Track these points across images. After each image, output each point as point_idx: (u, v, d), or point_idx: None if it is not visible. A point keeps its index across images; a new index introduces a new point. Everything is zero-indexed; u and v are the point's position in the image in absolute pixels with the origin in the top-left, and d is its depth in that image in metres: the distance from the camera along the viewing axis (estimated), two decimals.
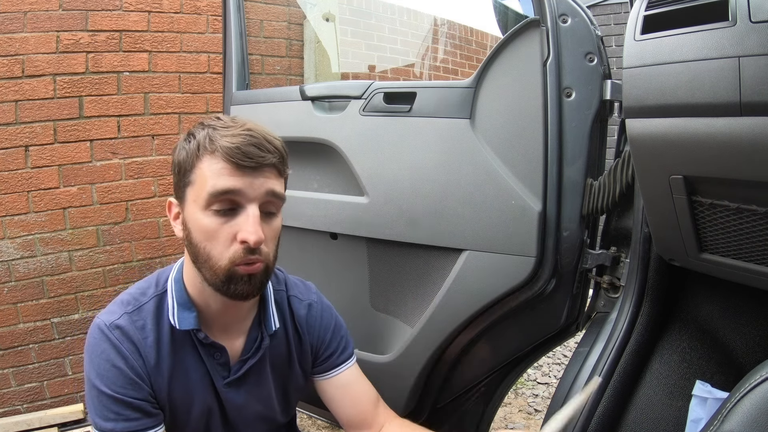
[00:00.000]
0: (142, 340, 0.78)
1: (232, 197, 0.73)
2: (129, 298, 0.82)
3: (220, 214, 0.73)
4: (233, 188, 0.72)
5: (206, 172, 0.73)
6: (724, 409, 0.54)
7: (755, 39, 0.57)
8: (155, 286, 0.83)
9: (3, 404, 1.83)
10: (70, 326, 1.92)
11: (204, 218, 0.74)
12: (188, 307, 0.81)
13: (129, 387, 0.75)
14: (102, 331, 0.78)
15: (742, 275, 0.74)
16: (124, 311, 0.79)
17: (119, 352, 0.76)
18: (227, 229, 0.73)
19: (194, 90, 2.09)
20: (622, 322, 0.93)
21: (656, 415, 0.89)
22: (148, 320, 0.80)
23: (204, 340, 0.81)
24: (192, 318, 0.80)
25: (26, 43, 1.75)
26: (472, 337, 1.10)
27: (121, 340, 0.77)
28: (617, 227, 1.00)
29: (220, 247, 0.74)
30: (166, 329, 0.80)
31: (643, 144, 0.72)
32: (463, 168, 1.02)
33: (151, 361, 0.78)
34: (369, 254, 1.20)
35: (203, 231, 0.74)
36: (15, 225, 1.80)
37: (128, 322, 0.78)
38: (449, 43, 3.54)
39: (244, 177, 0.73)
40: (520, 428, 2.10)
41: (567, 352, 2.68)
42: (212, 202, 0.73)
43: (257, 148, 0.74)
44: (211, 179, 0.73)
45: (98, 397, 0.75)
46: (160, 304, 0.81)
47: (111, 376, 0.75)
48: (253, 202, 0.74)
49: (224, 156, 0.72)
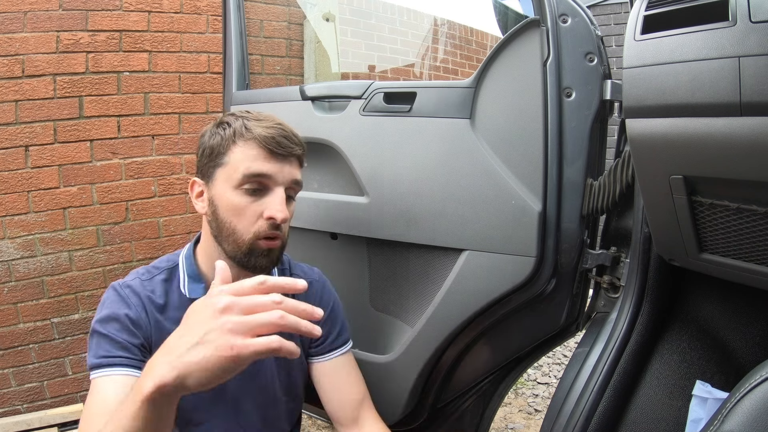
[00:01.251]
0: (148, 298, 0.86)
1: (263, 180, 0.84)
2: (143, 270, 0.91)
3: (249, 193, 0.83)
4: (266, 172, 0.84)
5: (240, 155, 0.84)
6: (724, 409, 0.54)
7: (755, 39, 0.57)
8: (167, 261, 0.92)
9: (3, 404, 1.83)
10: (70, 326, 1.92)
11: (234, 196, 0.83)
12: (198, 279, 0.90)
13: (124, 331, 0.81)
14: (114, 288, 0.86)
15: (742, 275, 0.74)
16: (137, 277, 0.89)
17: (124, 302, 0.84)
18: (255, 206, 0.83)
19: (194, 90, 2.09)
20: (622, 322, 0.93)
21: (656, 415, 0.89)
22: (157, 287, 0.88)
23: None
24: (201, 288, 0.89)
25: (26, 43, 1.75)
26: (472, 337, 1.10)
27: (129, 295, 0.85)
28: (617, 227, 1.00)
29: (245, 222, 0.83)
30: (174, 297, 0.88)
31: (643, 144, 0.72)
32: (463, 168, 1.02)
33: (155, 316, 0.85)
34: (369, 254, 1.20)
35: (232, 207, 0.83)
36: (15, 225, 1.80)
37: (139, 284, 0.87)
38: (449, 43, 3.54)
39: (275, 163, 0.84)
40: (520, 429, 2.10)
41: (567, 352, 2.68)
42: (244, 182, 0.83)
43: (287, 139, 0.86)
44: (246, 162, 0.83)
45: (96, 338, 0.81)
46: (170, 276, 0.90)
47: (111, 321, 0.81)
48: (281, 186, 0.85)
49: (260, 143, 0.83)
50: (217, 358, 0.53)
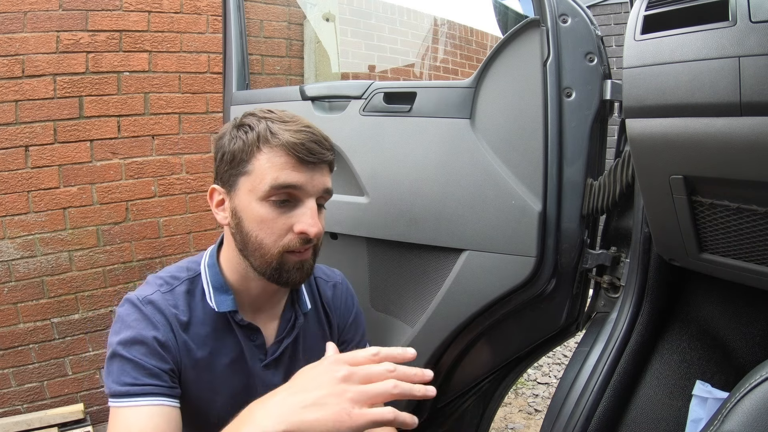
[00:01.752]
0: (174, 316, 0.78)
1: (293, 191, 0.76)
2: (161, 280, 0.82)
3: (277, 205, 0.75)
4: (296, 183, 0.75)
5: (266, 164, 0.75)
6: (724, 409, 0.54)
7: (755, 39, 0.57)
8: (186, 270, 0.84)
9: (3, 404, 1.83)
10: (70, 326, 1.92)
11: (260, 208, 0.75)
12: (225, 290, 0.82)
13: (152, 356, 0.74)
14: (134, 304, 0.78)
15: (742, 275, 0.74)
16: (157, 289, 0.80)
17: (150, 322, 0.76)
18: (283, 219, 0.76)
19: (194, 90, 2.09)
20: (622, 322, 0.93)
21: (656, 415, 0.89)
22: (180, 301, 0.80)
23: (241, 322, 0.82)
24: (230, 300, 0.81)
25: (26, 43, 1.76)
26: (472, 337, 1.10)
27: (153, 313, 0.77)
28: (617, 227, 1.00)
29: (274, 236, 0.76)
30: (199, 311, 0.81)
31: (643, 144, 0.72)
32: (463, 168, 1.02)
33: (183, 337, 0.78)
34: (369, 254, 1.20)
35: (259, 220, 0.76)
36: (15, 225, 1.80)
37: (161, 299, 0.79)
38: (449, 43, 3.54)
39: (305, 172, 0.76)
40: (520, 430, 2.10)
41: (567, 352, 2.68)
42: (272, 194, 0.75)
43: (318, 145, 0.77)
44: (273, 172, 0.74)
45: (119, 363, 0.73)
46: (192, 288, 0.82)
47: (136, 344, 0.74)
48: (312, 197, 0.77)
49: (288, 150, 0.74)
50: (332, 423, 0.54)
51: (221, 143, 0.80)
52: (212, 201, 0.83)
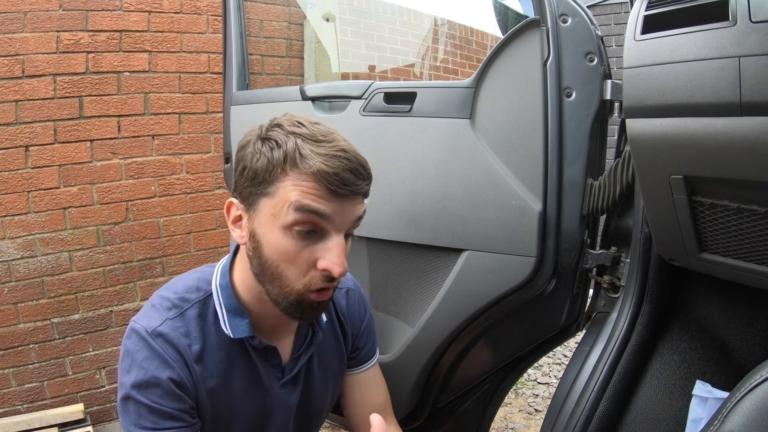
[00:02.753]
0: (186, 348, 0.73)
1: (320, 221, 0.68)
2: (168, 303, 0.76)
3: (302, 235, 0.68)
4: (324, 213, 0.67)
5: (292, 189, 0.67)
6: (724, 409, 0.54)
7: (755, 39, 0.57)
8: (197, 291, 0.78)
9: (3, 404, 1.84)
10: (70, 326, 1.93)
11: (283, 238, 0.68)
12: (239, 314, 0.76)
13: (170, 398, 0.70)
14: (143, 338, 0.72)
15: (743, 275, 0.74)
16: (165, 317, 0.74)
17: (163, 361, 0.71)
18: (307, 253, 0.69)
19: (194, 90, 2.09)
20: (622, 322, 0.93)
21: (656, 415, 0.89)
22: (192, 327, 0.74)
23: (258, 346, 0.78)
24: (245, 325, 0.76)
25: (26, 43, 1.76)
26: (472, 337, 1.10)
27: (164, 348, 0.71)
28: (617, 227, 1.00)
29: (296, 271, 0.69)
30: (213, 336, 0.76)
31: (643, 144, 0.72)
32: (463, 168, 1.02)
33: (197, 369, 0.74)
34: (369, 254, 1.20)
35: (280, 251, 0.69)
36: (15, 225, 1.80)
37: (171, 329, 0.73)
38: (449, 43, 3.54)
39: (335, 203, 0.67)
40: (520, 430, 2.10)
41: (567, 352, 2.68)
42: (296, 223, 0.67)
43: (354, 174, 0.68)
44: (298, 198, 0.66)
45: (135, 407, 0.70)
46: (203, 311, 0.76)
47: (151, 387, 0.70)
48: (340, 232, 0.69)
49: (318, 179, 0.66)
50: None
51: (243, 154, 0.71)
52: (229, 216, 0.75)
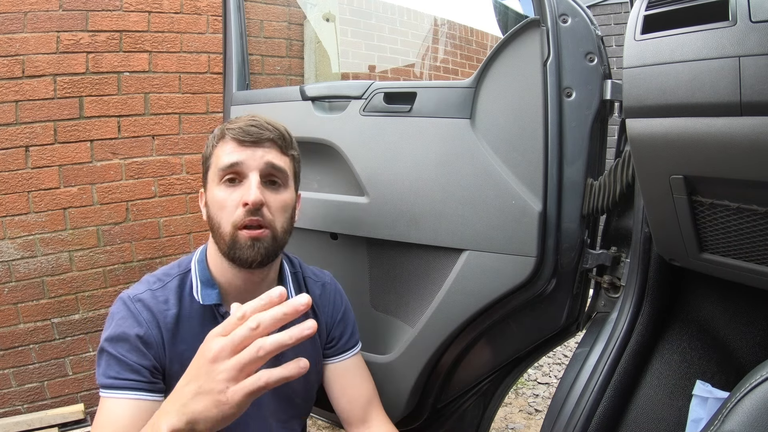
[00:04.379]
0: (162, 312, 0.83)
1: (237, 169, 0.84)
2: (154, 278, 0.89)
3: (227, 184, 0.85)
4: (236, 161, 0.84)
5: (219, 153, 0.87)
6: (724, 409, 0.54)
7: (755, 39, 0.57)
8: (178, 267, 0.91)
9: (3, 404, 1.83)
10: (70, 326, 1.92)
11: (217, 191, 0.85)
12: (211, 285, 0.88)
13: (135, 353, 0.79)
14: (124, 302, 0.84)
15: (743, 275, 0.74)
16: (148, 288, 0.86)
17: (135, 320, 0.81)
18: (233, 196, 0.84)
19: (194, 90, 2.09)
20: (622, 321, 0.93)
21: (657, 414, 0.89)
22: (170, 296, 0.86)
23: (225, 315, 0.86)
24: (214, 294, 0.87)
25: (26, 43, 1.76)
26: (472, 338, 1.10)
27: (140, 310, 0.82)
28: (617, 227, 1.00)
29: (227, 214, 0.84)
30: (188, 304, 0.86)
31: (643, 144, 0.72)
32: (463, 168, 1.02)
33: (169, 331, 0.83)
34: (369, 254, 1.20)
35: (216, 202, 0.85)
36: (15, 225, 1.80)
37: (150, 296, 0.85)
38: (449, 43, 3.53)
39: (245, 150, 0.85)
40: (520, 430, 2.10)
41: (567, 352, 2.68)
42: (222, 176, 0.85)
43: (256, 127, 0.86)
44: (221, 157, 0.85)
45: (106, 358, 0.80)
46: (182, 282, 0.88)
47: (120, 341, 0.80)
48: (254, 171, 0.84)
49: (231, 137, 0.86)
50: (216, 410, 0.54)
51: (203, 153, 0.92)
52: (201, 202, 0.93)
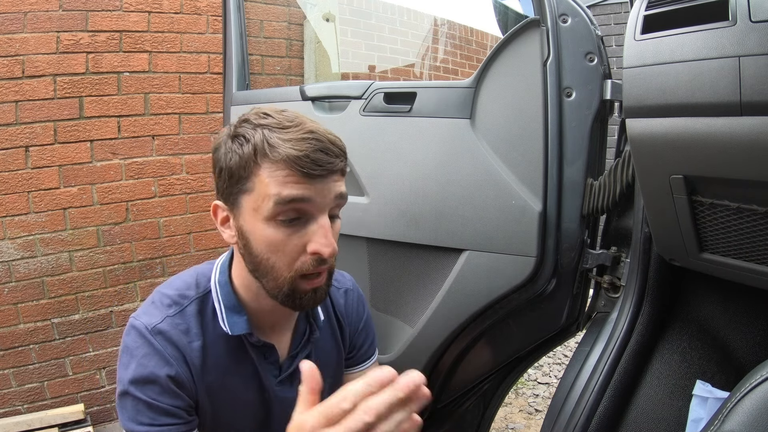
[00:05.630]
0: (187, 345, 0.74)
1: (301, 206, 0.68)
2: (168, 300, 0.77)
3: (286, 224, 0.68)
4: (303, 197, 0.67)
5: (268, 180, 0.67)
6: (724, 409, 0.54)
7: (755, 39, 0.57)
8: (196, 288, 0.79)
9: (3, 404, 1.84)
10: (70, 327, 1.93)
11: (268, 229, 0.68)
12: (238, 311, 0.77)
13: (167, 395, 0.71)
14: (142, 335, 0.72)
15: (743, 275, 0.74)
16: (165, 314, 0.74)
17: (162, 358, 0.72)
18: (295, 240, 0.69)
19: (194, 90, 2.09)
20: (622, 321, 0.93)
21: (657, 414, 0.89)
22: (192, 324, 0.75)
23: (256, 343, 0.79)
24: (243, 322, 0.77)
25: (26, 43, 1.76)
26: (472, 337, 1.10)
27: (164, 346, 0.72)
28: (617, 227, 1.00)
29: (287, 259, 0.70)
30: (212, 333, 0.77)
31: (643, 144, 0.72)
32: (463, 168, 1.02)
33: (197, 366, 0.74)
34: (369, 254, 1.20)
35: (268, 243, 0.69)
36: (15, 225, 1.80)
37: (171, 326, 0.74)
38: (449, 43, 3.53)
39: (313, 185, 0.68)
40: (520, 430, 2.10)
41: (567, 352, 2.68)
42: (278, 213, 0.68)
43: (325, 153, 0.69)
44: (276, 188, 0.67)
45: (133, 403, 0.71)
46: (203, 307, 0.77)
47: (149, 384, 0.70)
48: (323, 212, 0.70)
49: (290, 164, 0.66)
50: None
51: (217, 156, 0.72)
52: (216, 218, 0.76)
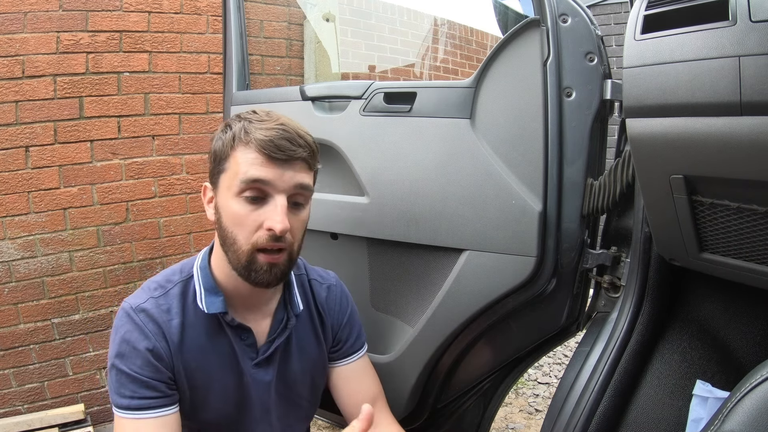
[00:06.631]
0: (167, 322, 0.81)
1: (262, 186, 0.78)
2: (155, 284, 0.85)
3: (249, 201, 0.78)
4: (264, 178, 0.77)
5: (240, 161, 0.78)
6: (724, 409, 0.54)
7: (755, 38, 0.57)
8: (180, 273, 0.87)
9: (4, 404, 1.83)
10: (70, 327, 1.92)
11: (235, 204, 0.78)
12: (215, 292, 0.84)
13: (147, 368, 0.78)
14: (127, 314, 0.81)
15: (743, 275, 0.74)
16: (150, 296, 0.83)
17: (142, 333, 0.79)
18: (255, 216, 0.78)
19: (194, 90, 2.09)
20: (622, 321, 0.93)
21: (657, 414, 0.89)
22: (173, 304, 0.83)
23: (231, 323, 0.85)
24: (219, 301, 0.83)
25: (26, 43, 1.76)
26: (472, 337, 1.10)
27: (145, 322, 0.80)
28: (617, 227, 1.00)
29: (245, 232, 0.78)
30: (191, 312, 0.84)
31: (643, 144, 0.72)
32: (463, 168, 1.02)
33: (175, 342, 0.81)
34: (369, 254, 1.20)
35: (233, 216, 0.79)
36: (15, 225, 1.80)
37: (153, 305, 0.82)
38: (449, 43, 3.53)
39: (275, 168, 0.78)
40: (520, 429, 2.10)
41: (568, 352, 2.68)
42: (243, 190, 0.78)
43: (289, 141, 0.79)
44: (244, 168, 0.77)
45: (117, 375, 0.78)
46: (185, 289, 0.85)
47: (131, 356, 0.78)
48: (282, 193, 0.79)
49: (257, 147, 0.77)
50: None
51: (211, 144, 0.85)
52: (205, 198, 0.87)
